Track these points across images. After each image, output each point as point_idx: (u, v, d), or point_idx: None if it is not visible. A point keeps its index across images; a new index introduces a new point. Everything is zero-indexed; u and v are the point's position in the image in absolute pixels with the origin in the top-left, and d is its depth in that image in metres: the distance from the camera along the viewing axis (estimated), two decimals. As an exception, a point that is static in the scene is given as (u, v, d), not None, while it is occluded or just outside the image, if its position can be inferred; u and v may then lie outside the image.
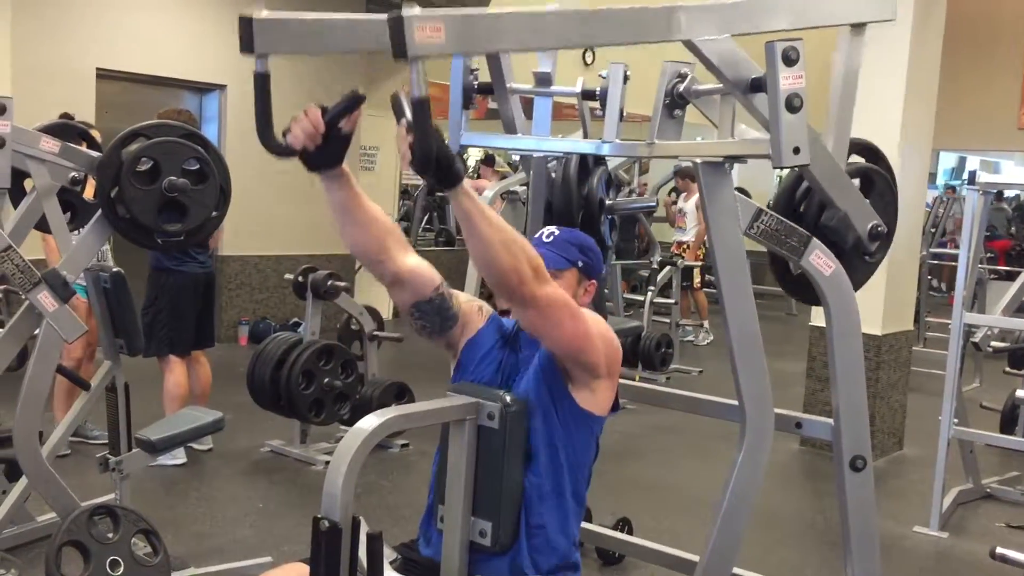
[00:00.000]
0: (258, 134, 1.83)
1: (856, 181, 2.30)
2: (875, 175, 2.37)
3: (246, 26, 1.69)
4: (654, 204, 7.79)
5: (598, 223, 2.48)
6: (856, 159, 2.41)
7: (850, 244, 2.24)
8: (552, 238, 2.13)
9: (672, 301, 7.74)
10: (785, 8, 1.94)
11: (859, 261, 2.30)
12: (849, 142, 2.18)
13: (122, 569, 2.92)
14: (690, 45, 1.89)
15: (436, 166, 1.65)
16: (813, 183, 2.14)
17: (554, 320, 1.89)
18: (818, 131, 2.07)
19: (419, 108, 1.57)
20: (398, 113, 1.72)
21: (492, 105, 2.86)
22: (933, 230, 9.48)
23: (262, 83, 1.81)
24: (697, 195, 8.74)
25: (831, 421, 2.28)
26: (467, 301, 2.18)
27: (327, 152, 1.84)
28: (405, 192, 10.20)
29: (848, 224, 2.20)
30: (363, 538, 1.77)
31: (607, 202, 2.50)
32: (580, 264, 2.11)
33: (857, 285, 2.27)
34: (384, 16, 1.53)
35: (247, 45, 1.72)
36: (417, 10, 1.49)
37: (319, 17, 1.74)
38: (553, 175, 2.54)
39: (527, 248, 1.82)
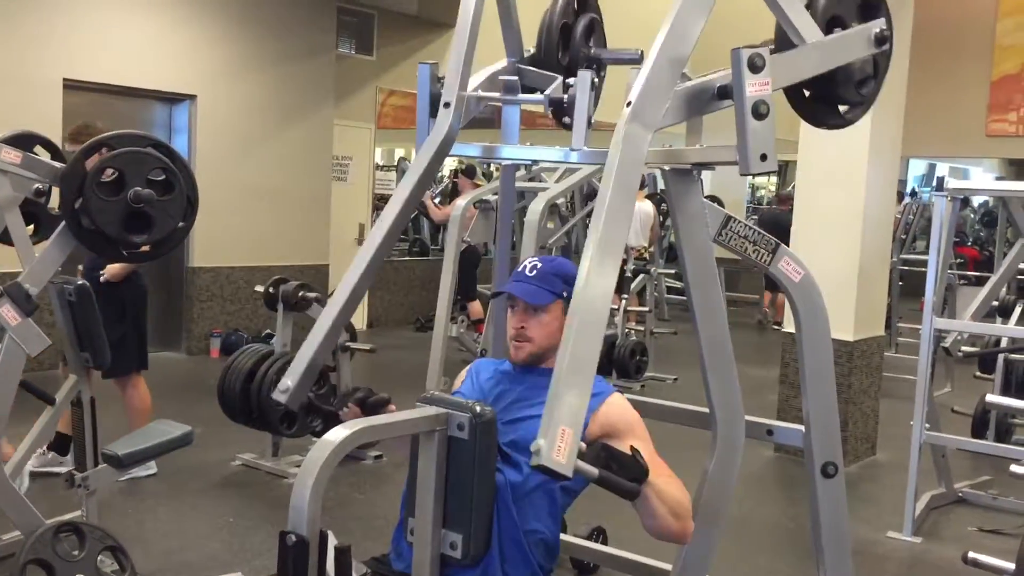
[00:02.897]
0: None
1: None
2: None
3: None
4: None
5: None
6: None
7: (872, 71, 2.19)
8: (535, 271, 2.16)
9: (646, 309, 7.76)
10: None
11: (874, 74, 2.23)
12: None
13: (88, 587, 2.87)
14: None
15: (630, 486, 1.79)
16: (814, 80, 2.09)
17: None
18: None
19: (605, 483, 1.75)
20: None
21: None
22: (904, 236, 9.55)
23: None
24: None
25: (803, 428, 2.27)
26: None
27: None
28: (380, 200, 10.15)
29: (858, 66, 2.15)
30: (331, 552, 1.75)
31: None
32: (565, 295, 2.12)
33: (877, 92, 2.22)
34: None
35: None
36: (544, 443, 1.55)
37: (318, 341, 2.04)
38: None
39: (687, 504, 1.96)
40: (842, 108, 2.22)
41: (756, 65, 1.86)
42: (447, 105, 2.14)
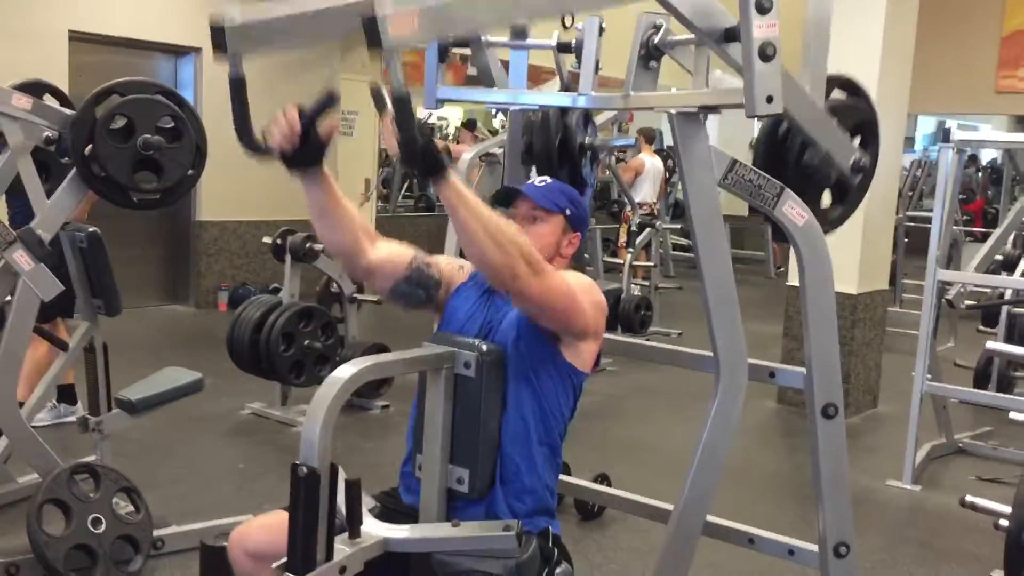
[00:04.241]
0: (237, 136, 1.85)
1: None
2: (854, 110, 2.36)
3: (218, 31, 1.70)
4: (633, 141, 7.83)
5: (578, 162, 2.50)
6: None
7: (833, 181, 2.25)
8: (545, 184, 2.18)
9: (652, 264, 7.78)
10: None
11: (841, 197, 2.31)
12: (827, 78, 2.19)
13: (104, 527, 2.94)
14: (662, 2, 1.90)
15: (422, 159, 1.68)
16: (793, 124, 2.14)
17: (548, 307, 1.93)
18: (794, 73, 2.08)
19: (401, 105, 1.60)
20: (379, 105, 1.72)
21: (471, 72, 2.86)
22: (911, 193, 9.53)
23: (237, 86, 1.82)
24: (636, 155, 8.91)
25: (804, 370, 2.31)
26: (447, 263, 2.22)
27: (306, 153, 1.85)
28: (387, 156, 10.14)
29: (830, 161, 2.21)
30: (341, 486, 1.80)
31: (586, 140, 2.52)
32: (568, 212, 2.14)
33: (839, 222, 2.29)
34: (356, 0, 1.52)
35: (220, 47, 1.72)
36: (389, 7, 1.49)
37: (291, 13, 1.72)
38: (532, 117, 2.55)
39: (518, 239, 1.82)
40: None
41: (763, 6, 1.86)
42: None
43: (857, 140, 2.33)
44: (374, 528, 1.88)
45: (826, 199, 2.37)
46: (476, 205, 1.77)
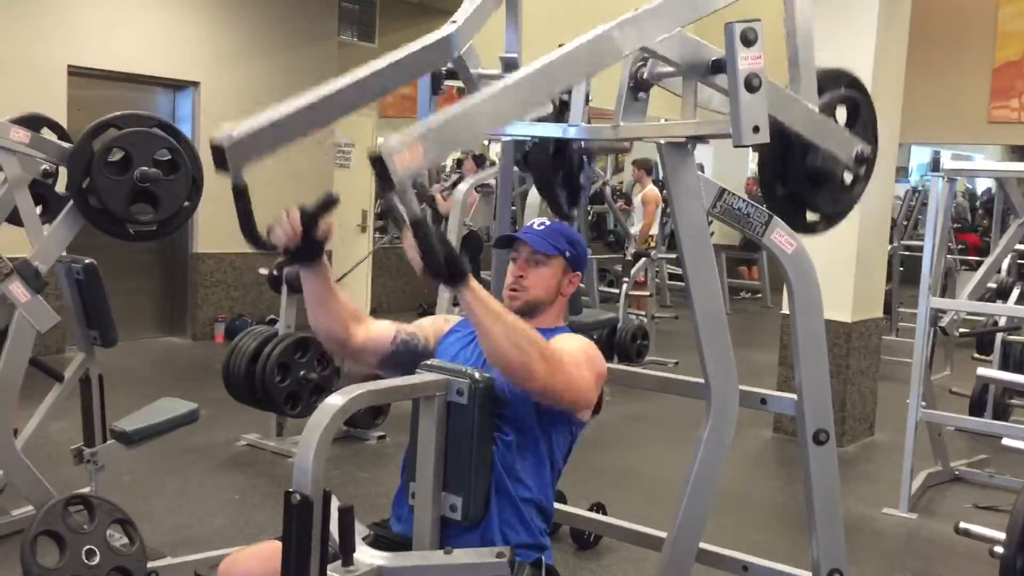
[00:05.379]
0: (244, 236, 1.88)
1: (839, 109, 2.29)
2: (852, 100, 2.35)
3: (218, 152, 1.71)
4: (628, 147, 7.84)
5: (574, 167, 2.54)
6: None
7: (840, 176, 2.27)
8: (543, 227, 2.26)
9: (647, 294, 7.80)
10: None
11: (847, 189, 2.31)
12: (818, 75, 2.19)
13: (98, 559, 2.93)
14: (646, 50, 1.94)
15: (447, 270, 1.74)
16: (792, 131, 2.14)
17: (560, 400, 1.99)
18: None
19: (418, 227, 1.67)
20: (397, 222, 1.77)
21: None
22: (905, 223, 9.57)
23: (240, 194, 1.84)
24: (646, 188, 8.89)
25: (795, 396, 2.32)
26: (432, 322, 2.33)
27: (307, 249, 1.94)
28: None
29: (834, 158, 2.22)
30: (335, 514, 1.80)
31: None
32: (567, 255, 2.23)
33: (846, 212, 2.30)
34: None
35: (221, 165, 1.72)
36: (394, 141, 1.52)
37: (286, 112, 1.81)
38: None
39: (536, 340, 1.89)
40: (810, 217, 2.32)
41: (749, 39, 1.90)
42: (453, 22, 2.06)
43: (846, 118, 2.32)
44: (368, 556, 1.88)
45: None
46: (496, 307, 1.86)
